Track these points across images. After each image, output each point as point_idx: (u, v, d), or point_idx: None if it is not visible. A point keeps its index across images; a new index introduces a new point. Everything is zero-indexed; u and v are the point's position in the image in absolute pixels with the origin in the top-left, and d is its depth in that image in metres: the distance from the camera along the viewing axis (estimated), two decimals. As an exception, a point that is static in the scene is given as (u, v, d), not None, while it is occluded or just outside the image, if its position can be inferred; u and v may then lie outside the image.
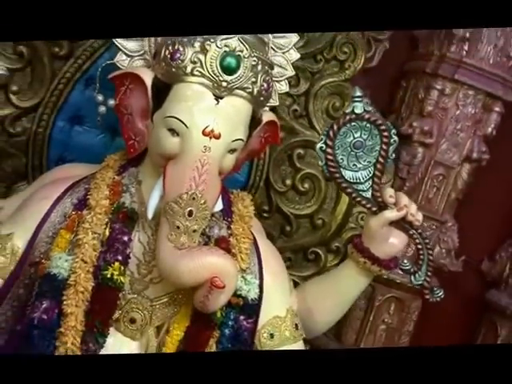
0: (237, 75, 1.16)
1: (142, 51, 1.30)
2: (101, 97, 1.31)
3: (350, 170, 1.30)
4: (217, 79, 1.15)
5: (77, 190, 1.28)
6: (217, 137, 1.16)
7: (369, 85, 1.99)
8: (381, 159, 1.29)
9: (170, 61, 1.16)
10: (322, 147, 1.28)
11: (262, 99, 1.24)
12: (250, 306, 1.29)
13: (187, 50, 1.15)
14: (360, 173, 1.30)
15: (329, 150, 1.27)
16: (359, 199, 1.31)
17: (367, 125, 1.28)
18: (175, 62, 1.16)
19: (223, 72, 1.15)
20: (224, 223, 1.33)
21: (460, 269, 2.12)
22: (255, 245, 1.36)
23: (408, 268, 1.34)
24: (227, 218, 1.34)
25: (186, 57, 1.15)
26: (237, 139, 1.20)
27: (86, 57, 1.60)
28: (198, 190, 1.14)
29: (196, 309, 1.22)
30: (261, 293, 1.31)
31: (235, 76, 1.16)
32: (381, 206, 1.30)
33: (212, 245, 1.28)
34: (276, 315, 1.34)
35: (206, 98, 1.17)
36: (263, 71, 1.21)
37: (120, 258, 1.23)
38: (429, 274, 1.33)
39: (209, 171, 1.16)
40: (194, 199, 1.14)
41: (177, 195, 1.14)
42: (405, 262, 1.34)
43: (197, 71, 1.15)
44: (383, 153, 1.29)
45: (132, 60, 1.30)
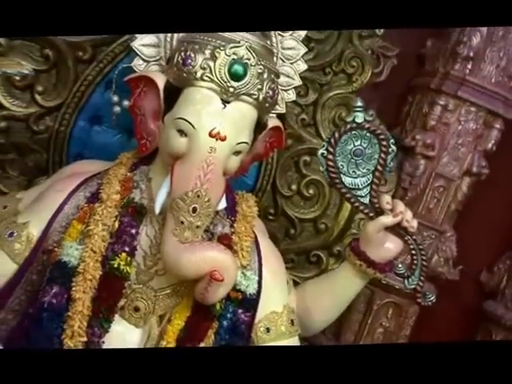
0: (243, 82, 1.17)
1: (158, 57, 1.31)
2: (116, 97, 1.33)
3: (350, 177, 1.30)
4: (225, 85, 1.17)
5: (90, 185, 1.30)
6: (222, 139, 1.16)
7: (377, 98, 2.01)
8: (379, 167, 1.30)
9: (182, 66, 1.18)
10: (324, 153, 1.29)
11: (268, 105, 1.25)
12: (249, 301, 1.30)
13: (198, 57, 1.17)
14: (359, 179, 1.31)
15: (330, 157, 1.29)
16: (357, 204, 1.32)
17: (367, 134, 1.28)
18: (186, 68, 1.17)
19: (231, 78, 1.16)
20: (227, 221, 1.34)
21: (457, 277, 2.11)
22: (256, 243, 1.37)
23: (402, 272, 1.35)
24: (231, 217, 1.35)
25: (197, 63, 1.17)
26: (242, 142, 1.21)
27: (108, 61, 1.62)
28: (203, 189, 1.16)
29: (197, 301, 1.23)
30: (259, 288, 1.32)
31: (242, 82, 1.17)
32: (378, 212, 1.31)
33: (215, 241, 1.29)
34: (273, 311, 1.34)
35: (214, 102, 1.18)
36: (269, 79, 1.22)
37: (127, 250, 1.24)
38: (421, 279, 1.33)
39: (214, 171, 1.17)
40: (199, 197, 1.16)
41: (183, 192, 1.16)
42: (399, 267, 1.35)
43: (206, 76, 1.16)
44: (382, 161, 1.29)
45: (148, 65, 1.31)
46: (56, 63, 1.63)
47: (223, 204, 1.27)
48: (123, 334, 1.26)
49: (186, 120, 1.17)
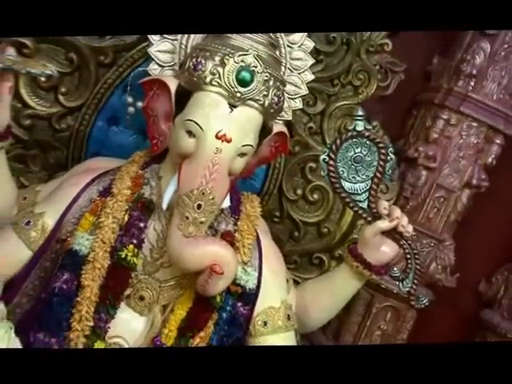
0: (250, 88, 1.19)
1: (173, 63, 1.33)
2: (131, 98, 1.36)
3: (349, 182, 1.31)
4: (232, 90, 1.18)
5: (103, 180, 1.32)
6: (228, 140, 1.18)
7: (383, 111, 2.02)
8: (378, 174, 1.30)
9: (193, 71, 1.20)
10: (325, 159, 1.30)
11: (273, 111, 1.27)
12: (248, 295, 1.31)
13: (208, 63, 1.19)
14: (358, 185, 1.31)
15: (331, 163, 1.29)
16: (356, 209, 1.32)
17: (367, 142, 1.29)
18: (197, 73, 1.19)
19: (238, 84, 1.18)
20: (231, 219, 1.35)
21: (454, 285, 2.10)
22: (258, 242, 1.38)
23: (397, 275, 1.35)
24: (235, 216, 1.36)
25: (207, 68, 1.19)
26: (246, 144, 1.23)
27: (127, 66, 1.65)
28: (208, 187, 1.17)
29: (198, 293, 1.24)
30: (259, 284, 1.33)
31: (248, 88, 1.19)
32: (375, 217, 1.31)
33: (218, 237, 1.30)
34: (271, 306, 1.35)
35: (222, 106, 1.19)
36: (275, 86, 1.23)
37: (135, 242, 1.26)
38: (415, 282, 1.33)
39: (219, 170, 1.18)
40: (204, 194, 1.17)
41: (189, 190, 1.17)
42: (394, 270, 1.35)
43: (215, 82, 1.18)
44: (380, 168, 1.30)
45: (163, 70, 1.33)
46: (79, 66, 1.66)
47: (227, 202, 1.29)
48: (129, 322, 1.28)
49: (195, 122, 1.19)
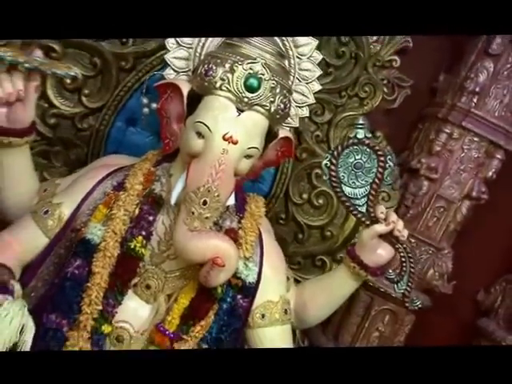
0: (257, 94, 1.21)
1: (187, 69, 1.36)
2: (146, 100, 1.39)
3: (350, 187, 1.32)
4: (240, 95, 1.21)
5: (118, 175, 1.35)
6: (234, 142, 1.20)
7: (389, 123, 2.03)
8: (376, 180, 1.32)
9: (204, 76, 1.23)
10: (327, 164, 1.31)
11: (278, 117, 1.28)
12: (247, 288, 1.33)
13: (218, 69, 1.21)
14: (358, 190, 1.33)
15: (332, 168, 1.31)
16: (355, 212, 1.34)
17: (367, 149, 1.30)
18: (208, 78, 1.22)
19: (246, 90, 1.20)
20: (236, 217, 1.37)
21: (450, 291, 2.09)
22: (260, 239, 1.40)
23: (392, 277, 1.37)
24: (239, 214, 1.38)
25: (217, 74, 1.21)
26: (252, 147, 1.24)
27: (146, 71, 1.68)
28: (214, 185, 1.19)
29: (201, 284, 1.26)
30: (258, 279, 1.35)
31: (256, 94, 1.21)
32: (373, 221, 1.32)
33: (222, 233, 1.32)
34: (269, 299, 1.37)
35: (230, 110, 1.21)
36: (281, 94, 1.25)
37: (144, 234, 1.29)
38: (409, 285, 1.34)
39: (225, 170, 1.20)
40: (209, 191, 1.19)
41: (196, 187, 1.19)
42: (390, 272, 1.37)
43: (224, 87, 1.21)
44: (379, 175, 1.31)
45: (178, 75, 1.37)
46: (102, 70, 1.70)
47: (232, 200, 1.30)
48: (135, 309, 1.30)
49: (204, 124, 1.21)
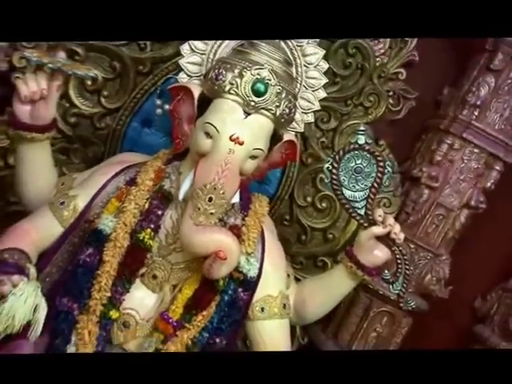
0: (263, 98, 1.24)
1: (200, 74, 1.39)
2: (159, 101, 1.42)
3: (350, 190, 1.34)
4: (247, 99, 1.23)
5: (130, 171, 1.38)
6: (240, 143, 1.23)
7: (393, 133, 2.05)
8: (375, 184, 1.33)
9: (214, 80, 1.25)
10: (329, 168, 1.33)
11: (283, 121, 1.30)
12: (248, 282, 1.35)
13: (228, 74, 1.24)
14: (357, 193, 1.34)
15: (334, 171, 1.33)
16: (354, 215, 1.35)
17: (367, 155, 1.32)
18: (218, 82, 1.25)
19: (253, 94, 1.23)
20: (240, 215, 1.39)
21: (446, 296, 2.10)
22: (262, 237, 1.41)
23: (388, 278, 1.37)
24: (244, 212, 1.40)
25: (227, 79, 1.24)
26: (257, 148, 1.27)
27: (162, 75, 1.72)
28: (220, 183, 1.21)
29: (205, 276, 1.28)
30: (259, 274, 1.37)
31: (262, 98, 1.24)
32: (371, 223, 1.34)
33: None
34: (269, 294, 1.39)
35: (237, 113, 1.24)
36: (287, 99, 1.27)
37: (152, 227, 1.32)
38: (404, 286, 1.35)
39: (230, 169, 1.22)
40: (215, 189, 1.21)
41: (202, 184, 1.22)
42: (385, 273, 1.38)
43: (233, 91, 1.23)
44: (378, 180, 1.33)
45: (190, 79, 1.40)
46: (120, 74, 1.74)
47: (236, 199, 1.32)
48: (142, 298, 1.33)
49: (213, 124, 1.24)
